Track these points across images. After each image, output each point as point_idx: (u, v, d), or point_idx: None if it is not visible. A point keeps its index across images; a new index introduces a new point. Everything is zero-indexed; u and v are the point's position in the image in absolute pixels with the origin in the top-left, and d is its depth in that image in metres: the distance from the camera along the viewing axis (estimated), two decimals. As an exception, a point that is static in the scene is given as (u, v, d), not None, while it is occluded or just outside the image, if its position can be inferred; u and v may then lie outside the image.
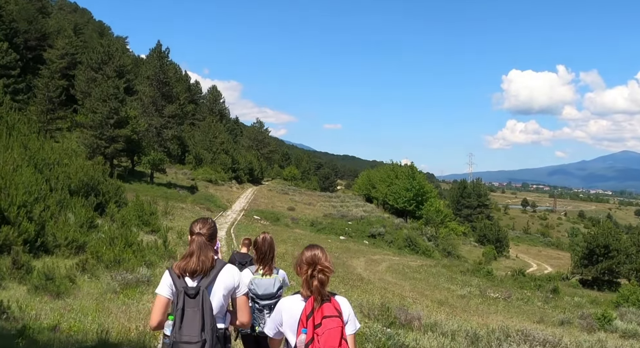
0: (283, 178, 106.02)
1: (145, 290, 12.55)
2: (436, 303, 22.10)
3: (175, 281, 3.66)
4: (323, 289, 3.43)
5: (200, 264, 3.69)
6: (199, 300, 3.58)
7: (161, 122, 53.38)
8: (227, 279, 3.78)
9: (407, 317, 12.21)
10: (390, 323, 12.20)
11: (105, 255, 14.68)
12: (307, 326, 3.35)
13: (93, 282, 12.53)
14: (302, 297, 3.51)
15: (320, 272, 3.45)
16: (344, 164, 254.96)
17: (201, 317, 3.54)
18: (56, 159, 25.75)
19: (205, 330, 3.53)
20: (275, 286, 5.29)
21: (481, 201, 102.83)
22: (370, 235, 50.66)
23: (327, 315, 3.34)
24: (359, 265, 33.05)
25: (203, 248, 3.75)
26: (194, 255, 3.72)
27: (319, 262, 3.49)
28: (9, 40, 61.96)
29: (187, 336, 3.50)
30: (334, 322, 3.32)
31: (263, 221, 46.51)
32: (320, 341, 3.27)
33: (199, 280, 3.68)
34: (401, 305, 17.34)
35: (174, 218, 33.82)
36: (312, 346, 3.30)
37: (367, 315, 13.41)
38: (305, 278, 3.48)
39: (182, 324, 3.53)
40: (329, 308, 3.38)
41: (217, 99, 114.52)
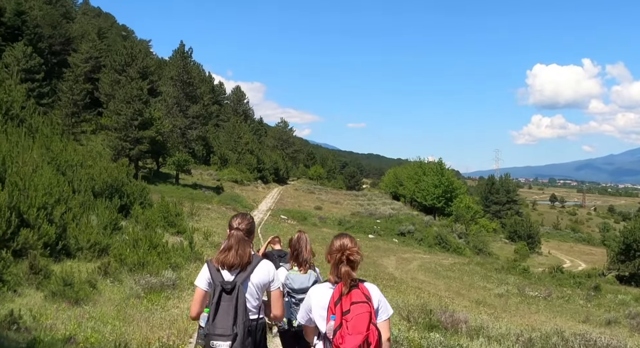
0: (309, 177, 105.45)
1: (171, 294, 11.83)
2: (474, 303, 21.16)
3: (213, 274, 3.77)
4: (351, 275, 3.43)
5: (238, 258, 3.79)
6: (234, 295, 3.68)
7: (185, 122, 53.05)
8: (263, 274, 3.87)
9: (452, 319, 11.27)
10: (432, 327, 11.31)
11: (129, 258, 14.00)
12: (335, 312, 3.35)
13: (115, 286, 11.83)
14: (331, 283, 3.53)
15: (348, 257, 3.47)
16: (369, 163, 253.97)
17: (234, 311, 3.64)
18: (79, 160, 25.22)
19: (237, 323, 3.62)
20: (311, 280, 5.30)
21: (510, 197, 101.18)
22: (400, 233, 49.67)
23: (356, 301, 3.35)
24: (389, 264, 32.17)
25: (241, 243, 3.84)
26: (232, 249, 3.81)
27: (347, 248, 3.50)
28: (34, 45, 62.16)
29: (220, 329, 3.62)
30: (362, 308, 3.33)
31: (290, 221, 45.79)
32: (349, 327, 3.28)
33: (236, 274, 3.77)
34: (439, 306, 16.45)
35: (200, 219, 33.22)
36: (340, 332, 3.30)
37: (405, 317, 12.53)
38: (334, 264, 3.52)
39: (215, 317, 3.64)
40: (357, 294, 3.40)
41: (241, 99, 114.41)
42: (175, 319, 9.24)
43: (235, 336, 3.60)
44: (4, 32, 61.45)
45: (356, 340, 3.25)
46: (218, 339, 3.61)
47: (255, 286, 3.83)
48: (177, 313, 9.96)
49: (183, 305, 10.87)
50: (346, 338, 3.26)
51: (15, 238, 13.17)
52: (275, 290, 3.96)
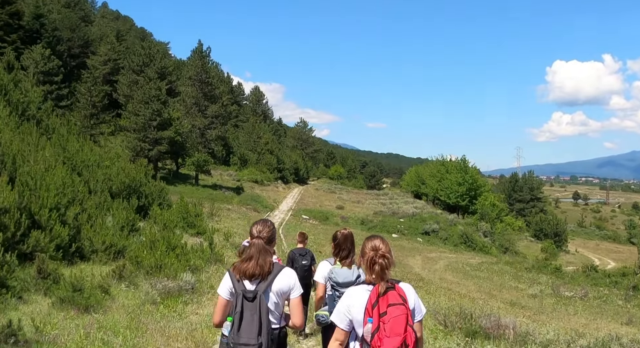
0: (329, 177, 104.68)
1: (189, 299, 11.01)
2: (507, 304, 20.10)
3: (235, 284, 3.78)
4: (385, 274, 3.42)
5: (258, 268, 3.77)
6: (256, 304, 3.65)
7: (204, 122, 52.47)
8: (283, 282, 3.83)
9: (497, 325, 10.29)
10: (473, 333, 10.36)
11: (146, 260, 13.21)
12: (373, 315, 3.33)
13: (130, 291, 11.03)
14: (368, 285, 3.48)
15: (381, 257, 3.45)
16: (388, 162, 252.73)
17: (258, 320, 3.62)
18: (96, 160, 24.59)
19: (262, 333, 3.61)
20: (354, 275, 5.30)
21: (534, 195, 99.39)
22: (424, 232, 48.55)
23: (392, 303, 3.33)
24: (415, 263, 31.18)
25: (262, 252, 3.82)
26: (252, 259, 3.78)
27: (380, 249, 3.51)
28: (52, 48, 62.12)
29: (244, 338, 3.60)
30: (399, 310, 3.31)
31: (312, 220, 44.93)
32: (386, 329, 3.26)
33: (257, 283, 3.76)
34: (475, 309, 15.47)
35: (220, 220, 32.51)
36: (378, 334, 3.28)
37: (442, 322, 11.59)
38: (367, 265, 3.51)
39: (240, 327, 3.63)
40: (393, 296, 3.37)
41: (260, 99, 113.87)
42: (193, 328, 8.41)
43: (260, 345, 3.60)
44: (23, 36, 61.41)
45: (395, 342, 3.24)
46: None
47: (276, 294, 3.82)
48: (196, 320, 9.14)
49: (203, 311, 10.05)
50: (384, 341, 3.25)
51: (25, 240, 12.47)
52: (295, 298, 3.91)
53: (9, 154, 14.32)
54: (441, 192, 70.17)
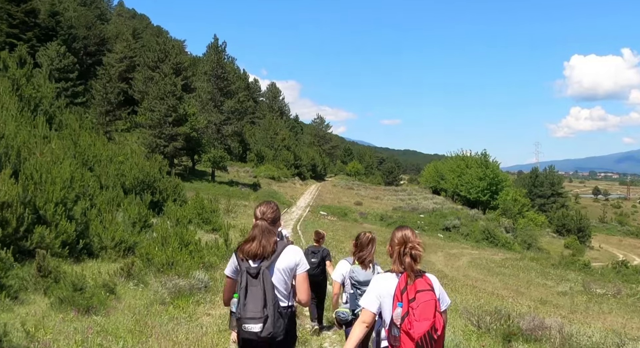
0: (346, 173, 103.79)
1: (202, 299, 10.21)
2: (537, 302, 19.12)
3: (240, 263, 3.82)
4: (415, 265, 3.48)
5: (261, 249, 3.78)
6: (260, 279, 3.69)
7: (220, 118, 51.77)
8: (288, 258, 3.86)
9: (541, 326, 9.37)
10: (511, 336, 9.45)
11: (157, 257, 12.46)
12: (402, 300, 3.39)
13: (139, 290, 10.27)
14: (395, 273, 3.56)
15: (412, 249, 3.51)
16: (405, 159, 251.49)
17: (263, 294, 3.65)
18: (109, 155, 23.95)
19: (267, 306, 3.65)
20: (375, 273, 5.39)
21: (555, 190, 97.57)
22: (445, 228, 47.41)
23: (421, 289, 3.39)
24: (437, 260, 30.24)
25: (265, 232, 3.83)
26: (255, 239, 3.81)
27: (410, 240, 3.57)
28: (68, 45, 61.88)
29: (251, 312, 3.64)
30: (428, 296, 3.37)
31: (330, 217, 44.05)
32: (416, 314, 3.32)
33: (260, 262, 3.77)
34: (504, 307, 14.55)
35: (237, 216, 31.84)
36: (408, 318, 3.34)
37: (475, 323, 10.68)
38: (398, 256, 3.55)
39: (245, 301, 3.68)
40: (421, 283, 3.44)
41: (276, 96, 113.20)
42: (204, 332, 7.59)
43: (267, 318, 3.64)
44: (39, 33, 61.14)
45: (424, 326, 3.30)
46: (250, 322, 3.65)
47: (281, 272, 3.83)
48: (207, 323, 8.33)
49: (215, 312, 9.25)
50: (414, 324, 3.31)
51: (29, 236, 11.77)
52: (301, 274, 3.91)
53: (14, 146, 13.60)
54: (461, 187, 68.86)
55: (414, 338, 3.30)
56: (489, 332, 10.31)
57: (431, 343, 3.30)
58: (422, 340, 3.29)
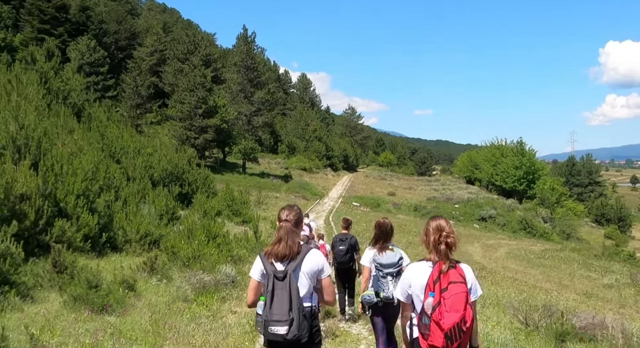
0: (378, 164, 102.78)
1: (228, 295, 9.56)
2: (582, 295, 18.12)
3: (266, 265, 3.85)
4: (450, 254, 3.55)
5: (288, 249, 3.84)
6: (286, 282, 3.75)
7: (251, 109, 51.26)
8: (312, 263, 3.89)
9: (598, 323, 8.50)
10: (564, 335, 8.60)
11: (182, 250, 11.88)
12: (435, 290, 3.42)
13: (161, 286, 9.68)
14: (430, 262, 3.59)
15: (447, 238, 3.55)
16: (438, 149, 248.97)
17: (289, 297, 3.70)
18: (136, 147, 23.52)
19: (292, 309, 3.69)
20: (397, 256, 5.76)
21: (592, 178, 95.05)
22: (480, 218, 46.14)
23: (453, 281, 3.43)
24: (474, 251, 29.26)
25: (290, 234, 3.90)
26: (282, 241, 3.87)
27: (444, 230, 3.60)
28: (99, 40, 62.05)
29: (277, 315, 3.69)
30: (460, 288, 3.41)
31: (363, 208, 43.25)
32: (447, 304, 3.36)
33: (287, 264, 3.83)
34: (548, 302, 13.69)
35: (268, 208, 31.28)
36: (439, 308, 3.38)
37: (523, 321, 9.85)
38: (433, 245, 3.58)
39: (272, 304, 3.72)
40: (454, 275, 3.46)
41: (307, 87, 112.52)
42: (228, 332, 6.94)
43: (292, 321, 3.68)
44: (70, 29, 61.39)
45: (454, 317, 3.34)
46: (276, 325, 3.69)
47: (305, 275, 3.87)
48: (232, 321, 7.68)
49: (242, 310, 8.59)
50: (445, 315, 3.35)
51: (49, 230, 11.28)
52: (325, 278, 3.97)
53: (34, 137, 13.13)
54: (496, 177, 67.25)
55: (443, 329, 3.38)
56: (537, 330, 9.49)
57: (460, 335, 3.39)
58: (451, 331, 3.38)
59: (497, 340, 7.67)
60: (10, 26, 57.05)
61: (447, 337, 3.37)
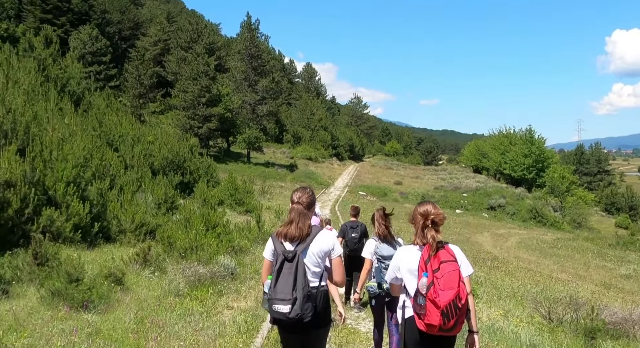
0: (384, 154, 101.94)
1: (226, 288, 8.83)
2: (601, 286, 17.33)
3: (277, 245, 3.94)
4: (436, 237, 3.61)
5: (298, 231, 3.91)
6: (294, 263, 3.81)
7: (255, 98, 50.44)
8: (322, 243, 3.94)
9: (625, 318, 7.73)
10: (594, 330, 7.84)
11: (179, 241, 11.15)
12: (427, 270, 3.54)
13: (155, 279, 8.96)
14: (418, 246, 3.73)
15: (433, 222, 3.65)
16: (444, 139, 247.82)
17: (294, 277, 3.78)
18: (136, 135, 22.80)
19: (297, 289, 3.74)
20: (397, 248, 5.63)
21: (601, 167, 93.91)
22: (489, 207, 45.26)
23: (444, 260, 3.55)
24: (484, 241, 28.45)
25: (302, 216, 3.97)
26: (293, 222, 3.95)
27: (431, 214, 3.70)
28: (101, 29, 61.32)
29: (280, 294, 3.76)
30: (452, 266, 3.53)
31: (369, 197, 42.49)
32: (440, 283, 3.46)
33: (296, 245, 3.91)
34: (568, 293, 12.91)
35: (273, 198, 30.57)
36: (433, 287, 3.47)
37: (546, 316, 9.09)
38: (420, 229, 3.71)
39: (277, 283, 3.79)
40: (444, 254, 3.58)
41: (312, 76, 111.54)
42: (221, 332, 6.20)
43: (295, 300, 3.73)
44: (72, 18, 60.69)
45: (449, 294, 3.43)
46: (279, 303, 3.75)
47: (315, 255, 3.92)
48: (227, 319, 6.94)
49: (239, 304, 7.87)
50: (440, 293, 3.44)
51: (36, 219, 10.56)
52: (336, 258, 4.00)
53: (22, 121, 12.40)
54: (505, 165, 66.18)
55: (439, 307, 3.44)
56: (561, 325, 8.74)
57: (455, 311, 3.46)
58: (447, 308, 3.43)
59: (525, 340, 6.92)
60: (12, 16, 56.35)
61: (444, 314, 3.44)
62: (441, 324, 3.44)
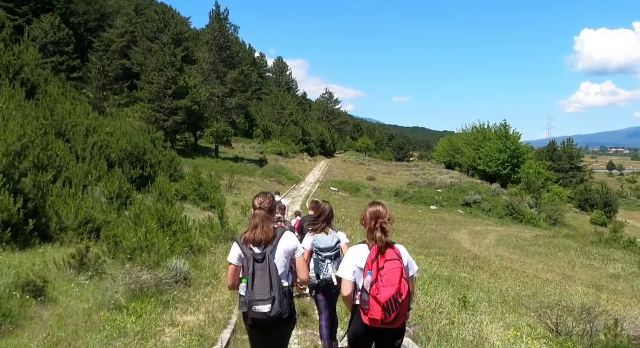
0: (356, 149, 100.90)
1: (178, 297, 7.43)
2: (591, 287, 16.24)
3: (244, 250, 3.99)
4: (384, 238, 3.80)
5: (264, 234, 4.00)
6: (266, 264, 3.92)
7: (224, 90, 48.65)
8: (287, 244, 4.09)
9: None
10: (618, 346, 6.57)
11: (125, 240, 9.66)
12: (372, 269, 3.75)
13: (91, 286, 7.46)
14: (367, 245, 3.92)
15: (382, 224, 3.83)
16: (414, 136, 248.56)
17: (269, 277, 3.90)
18: (91, 124, 21.12)
19: (273, 288, 3.88)
20: (334, 241, 5.98)
21: (573, 164, 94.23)
22: (465, 203, 44.17)
23: (389, 259, 3.74)
24: (462, 238, 27.38)
25: (265, 221, 4.07)
26: (257, 227, 4.02)
27: (381, 215, 3.90)
28: (66, 19, 58.87)
29: (259, 294, 3.87)
30: (395, 264, 3.72)
31: (341, 192, 41.17)
32: (383, 280, 3.68)
33: (264, 248, 3.99)
34: (563, 297, 11.80)
35: (240, 193, 29.15)
36: (376, 284, 3.69)
37: (553, 328, 7.82)
38: (369, 229, 3.90)
39: (253, 285, 3.90)
40: (390, 253, 3.78)
41: (283, 71, 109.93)
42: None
43: (274, 299, 3.85)
44: (35, 7, 58.14)
45: (390, 291, 3.65)
46: (259, 303, 3.85)
47: (282, 255, 4.05)
48: (169, 339, 5.50)
49: (188, 320, 6.43)
50: (381, 290, 3.66)
51: (-46, 216, 8.98)
52: (299, 257, 4.16)
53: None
54: (479, 161, 65.30)
55: (380, 302, 3.66)
56: (570, 339, 7.49)
57: (396, 306, 3.67)
58: (387, 303, 3.65)
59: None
60: (-30, 4, 53.70)
61: (385, 309, 3.65)
62: (382, 318, 3.68)
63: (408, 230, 25.79)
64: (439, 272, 13.67)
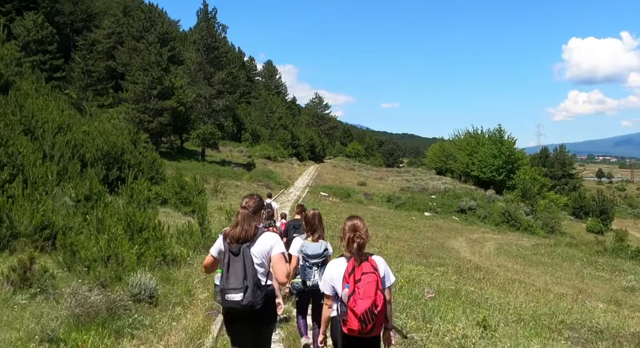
0: (346, 155, 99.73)
1: (136, 323, 5.96)
2: (610, 303, 14.86)
3: (225, 244, 4.25)
4: (361, 251, 3.99)
5: (243, 232, 4.23)
6: (240, 256, 4.12)
7: (211, 91, 47.08)
8: (264, 242, 4.26)
9: None
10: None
11: (84, 249, 8.19)
12: (349, 282, 3.91)
13: (30, 308, 5.98)
14: (345, 258, 4.08)
15: (359, 237, 4.01)
16: (404, 142, 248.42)
17: (243, 268, 4.08)
18: (64, 122, 19.60)
19: (247, 278, 4.06)
20: (322, 248, 6.05)
21: (566, 171, 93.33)
22: (460, 210, 42.65)
23: (365, 272, 3.91)
24: (460, 246, 26.03)
25: (247, 219, 4.31)
26: (238, 225, 4.28)
27: (359, 229, 4.08)
28: (51, 19, 57.16)
29: (232, 284, 4.07)
30: (371, 277, 3.89)
31: (332, 198, 39.68)
32: (360, 293, 3.84)
33: (242, 244, 4.17)
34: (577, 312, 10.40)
35: (226, 197, 27.68)
36: (353, 297, 3.85)
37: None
38: (347, 243, 4.06)
39: (228, 275, 4.10)
40: (367, 266, 3.94)
41: (272, 75, 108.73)
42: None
43: (246, 288, 4.03)
44: (19, 6, 56.48)
45: (366, 303, 3.82)
46: (232, 292, 4.04)
47: (258, 254, 4.20)
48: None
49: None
50: (358, 302, 3.83)
51: None
52: (275, 254, 4.25)
53: None
54: (473, 167, 63.93)
55: (357, 314, 3.83)
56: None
57: (372, 317, 3.84)
58: (364, 315, 3.82)
59: None
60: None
61: (361, 321, 3.83)
62: (360, 329, 3.85)
63: (403, 238, 24.37)
64: (443, 286, 12.30)
